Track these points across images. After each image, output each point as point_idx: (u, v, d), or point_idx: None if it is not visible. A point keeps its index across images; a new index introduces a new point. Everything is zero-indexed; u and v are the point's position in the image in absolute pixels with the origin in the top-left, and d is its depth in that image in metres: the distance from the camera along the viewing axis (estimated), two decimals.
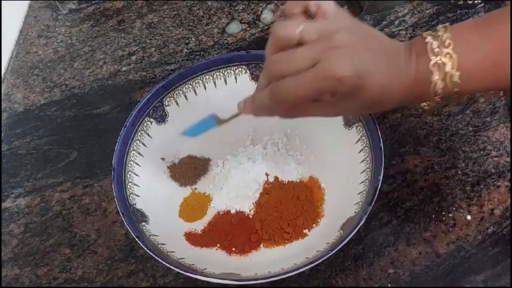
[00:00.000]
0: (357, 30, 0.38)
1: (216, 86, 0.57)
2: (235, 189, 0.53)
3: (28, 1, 0.77)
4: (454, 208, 0.51)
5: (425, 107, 0.43)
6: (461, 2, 0.66)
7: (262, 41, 0.67)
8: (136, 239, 0.44)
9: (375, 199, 0.45)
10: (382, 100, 0.39)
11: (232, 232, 0.50)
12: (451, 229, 0.49)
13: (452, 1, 0.66)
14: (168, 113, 0.56)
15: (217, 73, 0.56)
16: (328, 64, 0.35)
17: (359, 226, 0.43)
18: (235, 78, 0.57)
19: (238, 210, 0.52)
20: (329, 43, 0.36)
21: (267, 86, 0.40)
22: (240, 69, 0.56)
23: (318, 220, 0.50)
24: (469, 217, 0.50)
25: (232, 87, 0.57)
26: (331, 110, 0.41)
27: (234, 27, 0.70)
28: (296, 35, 0.37)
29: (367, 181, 0.48)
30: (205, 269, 0.45)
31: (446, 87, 0.38)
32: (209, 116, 0.47)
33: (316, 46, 0.36)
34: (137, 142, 0.53)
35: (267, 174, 0.53)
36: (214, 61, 0.56)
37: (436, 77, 0.38)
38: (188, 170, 0.55)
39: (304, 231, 0.49)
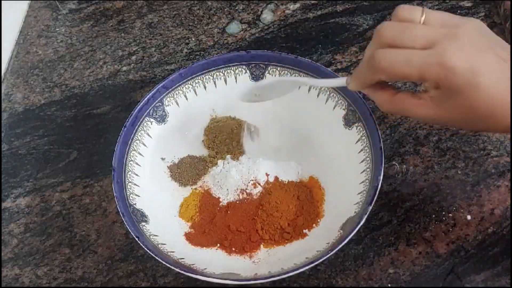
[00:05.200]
0: (485, 31, 0.36)
1: (216, 86, 0.57)
2: (235, 189, 0.53)
3: (28, 1, 0.77)
4: (454, 208, 0.51)
5: None
6: None
7: (262, 41, 0.67)
8: (136, 239, 0.44)
9: (375, 199, 0.45)
10: (494, 112, 0.34)
11: (232, 232, 0.50)
12: (451, 229, 0.49)
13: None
14: (168, 113, 0.56)
15: (217, 73, 0.56)
16: (443, 50, 0.34)
17: (359, 226, 0.43)
18: (235, 78, 0.57)
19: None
20: (451, 31, 0.35)
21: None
22: (240, 69, 0.56)
23: (318, 220, 0.50)
24: (469, 217, 0.50)
25: (232, 87, 0.57)
26: (431, 111, 0.37)
27: (234, 27, 0.70)
28: (419, 20, 0.36)
29: (367, 181, 0.48)
30: (205, 269, 0.45)
31: None
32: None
33: (438, 30, 0.35)
34: (137, 142, 0.53)
35: (267, 174, 0.53)
36: (214, 61, 0.56)
37: None
38: (188, 170, 0.55)
39: (304, 231, 0.49)
